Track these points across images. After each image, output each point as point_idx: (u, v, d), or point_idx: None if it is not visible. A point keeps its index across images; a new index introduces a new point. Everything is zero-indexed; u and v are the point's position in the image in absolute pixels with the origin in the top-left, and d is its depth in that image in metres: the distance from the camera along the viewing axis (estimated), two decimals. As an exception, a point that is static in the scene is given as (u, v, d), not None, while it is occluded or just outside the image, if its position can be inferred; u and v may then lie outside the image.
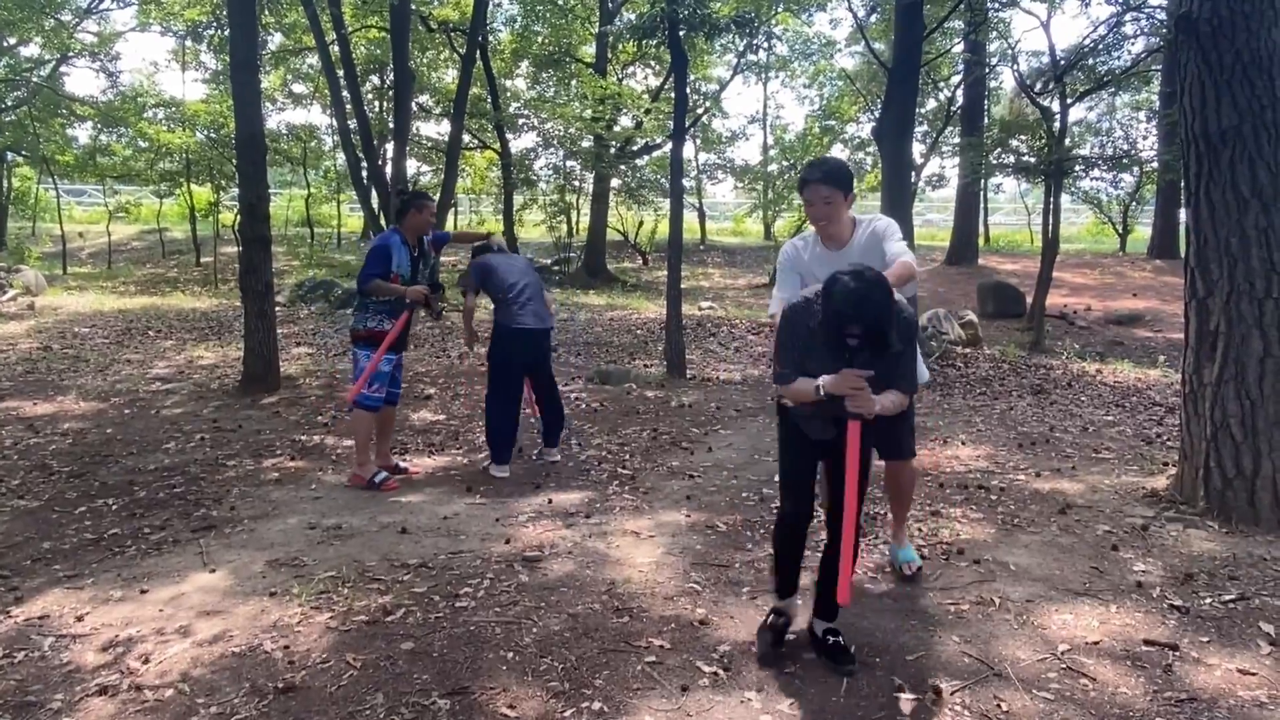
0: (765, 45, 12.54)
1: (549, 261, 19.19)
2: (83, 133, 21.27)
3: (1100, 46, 13.35)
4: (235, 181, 18.68)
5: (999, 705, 2.64)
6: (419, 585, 3.53)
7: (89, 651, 3.04)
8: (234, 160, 17.57)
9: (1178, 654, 2.92)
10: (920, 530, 4.11)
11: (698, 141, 23.86)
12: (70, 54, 19.48)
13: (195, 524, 4.37)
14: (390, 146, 17.47)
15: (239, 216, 8.05)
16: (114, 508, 4.63)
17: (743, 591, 3.46)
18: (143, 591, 3.52)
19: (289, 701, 2.70)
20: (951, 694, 2.70)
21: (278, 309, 9.97)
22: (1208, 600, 3.32)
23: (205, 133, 18.15)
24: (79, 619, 3.28)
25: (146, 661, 2.95)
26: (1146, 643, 3.00)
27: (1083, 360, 10.01)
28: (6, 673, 2.90)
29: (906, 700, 2.68)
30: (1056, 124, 12.67)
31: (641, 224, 22.09)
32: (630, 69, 21.80)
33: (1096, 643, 3.01)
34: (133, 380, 7.82)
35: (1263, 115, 4.12)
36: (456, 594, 3.44)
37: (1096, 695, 2.70)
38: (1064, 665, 2.87)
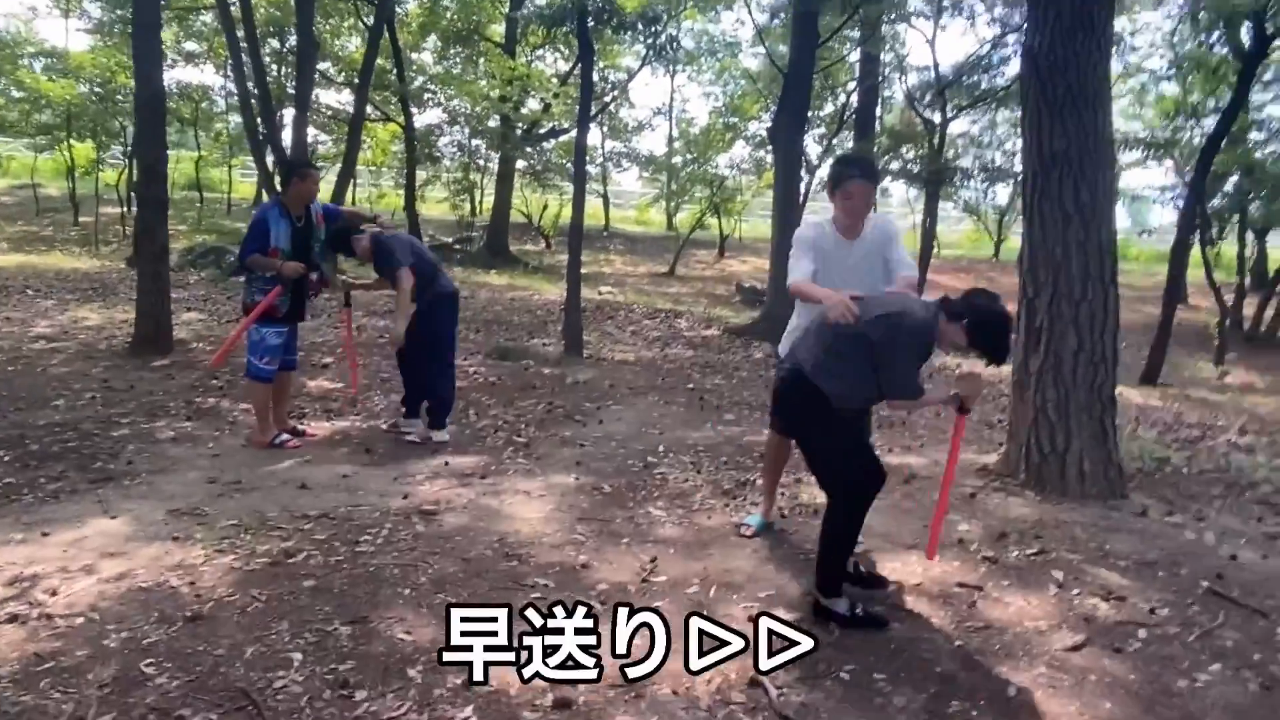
0: (670, 47, 12.92)
1: (451, 240, 19.16)
2: (-52, 78, 19.84)
3: (980, 65, 14.37)
4: (120, 139, 17.86)
5: (832, 631, 3.11)
6: (319, 533, 3.77)
7: (-6, 586, 3.16)
8: (120, 117, 16.85)
9: (982, 593, 3.47)
10: (784, 493, 4.58)
11: (605, 129, 24.11)
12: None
13: (93, 476, 4.45)
14: (287, 112, 17.08)
15: (134, 176, 7.87)
16: (6, 459, 4.64)
17: (622, 542, 3.85)
18: (44, 534, 3.63)
19: (197, 628, 2.92)
20: (796, 620, 3.15)
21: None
22: (1014, 553, 3.90)
23: (90, 85, 17.25)
24: (-20, 558, 3.38)
25: (54, 594, 3.10)
26: (959, 585, 3.54)
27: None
28: (-89, 604, 3.00)
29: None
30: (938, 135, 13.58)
31: (546, 207, 22.24)
32: (540, 51, 21.80)
33: (919, 584, 3.53)
34: (13, 339, 7.61)
35: (1086, 142, 4.75)
36: (356, 541, 3.70)
37: (912, 624, 3.21)
38: (891, 603, 3.37)
